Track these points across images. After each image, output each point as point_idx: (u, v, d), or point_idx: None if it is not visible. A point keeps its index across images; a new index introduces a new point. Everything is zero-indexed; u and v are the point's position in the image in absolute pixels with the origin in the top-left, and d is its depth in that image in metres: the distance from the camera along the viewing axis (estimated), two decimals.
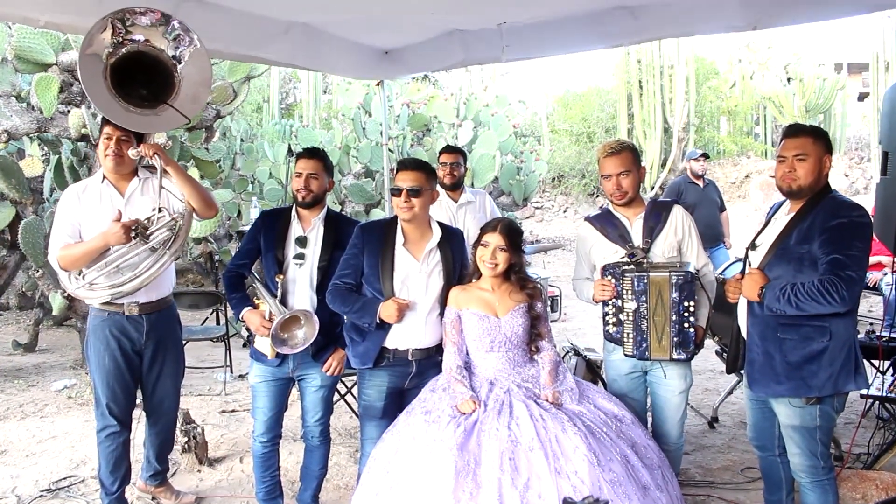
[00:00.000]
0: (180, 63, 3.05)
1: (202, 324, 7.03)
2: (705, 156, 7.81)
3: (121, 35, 2.89)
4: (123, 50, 2.92)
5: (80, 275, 3.20)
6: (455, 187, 4.82)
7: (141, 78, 3.04)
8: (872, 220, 2.88)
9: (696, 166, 7.56)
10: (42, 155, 6.96)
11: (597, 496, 2.47)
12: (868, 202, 3.15)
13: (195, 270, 9.67)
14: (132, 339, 3.36)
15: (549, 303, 5.83)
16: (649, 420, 3.37)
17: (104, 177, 3.34)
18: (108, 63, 2.90)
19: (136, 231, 3.13)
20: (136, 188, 3.35)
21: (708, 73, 19.05)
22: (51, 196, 6.57)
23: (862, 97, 21.88)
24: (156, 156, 3.21)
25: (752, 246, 3.01)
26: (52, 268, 3.36)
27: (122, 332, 3.34)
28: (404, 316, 3.06)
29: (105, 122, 3.23)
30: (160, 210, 3.24)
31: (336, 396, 4.00)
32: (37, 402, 5.44)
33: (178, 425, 4.04)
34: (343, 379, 4.31)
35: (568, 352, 4.70)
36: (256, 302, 3.34)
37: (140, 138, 3.25)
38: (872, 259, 5.85)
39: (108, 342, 3.32)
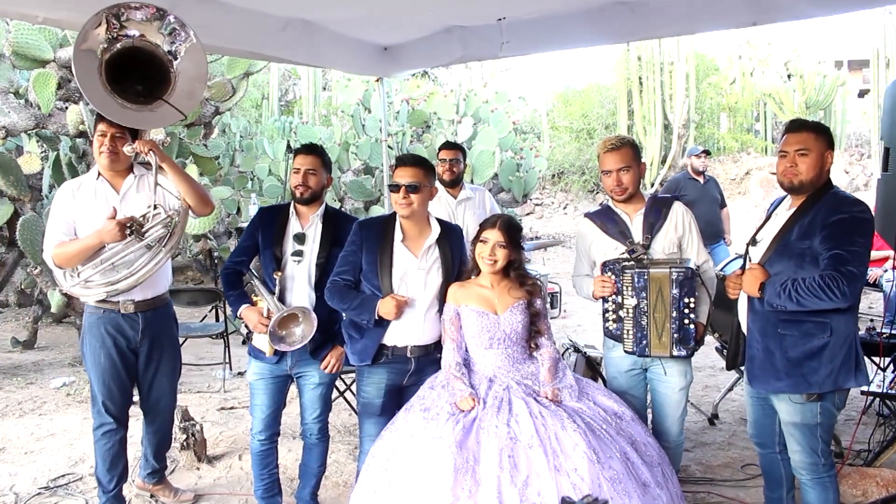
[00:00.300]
0: (176, 58, 3.02)
1: (201, 321, 7.01)
2: (706, 152, 7.78)
3: (115, 30, 2.86)
4: (118, 45, 2.88)
5: (75, 272, 3.18)
6: (454, 184, 4.81)
7: (136, 73, 3.01)
8: (873, 215, 2.86)
9: (696, 163, 7.52)
10: (41, 152, 6.94)
11: (596, 494, 2.46)
12: (868, 199, 3.14)
13: (194, 267, 9.65)
14: (128, 337, 3.35)
15: (548, 299, 5.82)
16: (649, 417, 3.36)
17: (99, 173, 3.32)
18: (103, 59, 2.87)
19: (131, 228, 3.11)
20: (131, 185, 3.33)
21: (708, 70, 19.02)
22: (49, 193, 6.55)
23: (862, 94, 21.86)
24: (151, 152, 3.18)
25: (753, 242, 3.00)
26: None
27: (117, 329, 3.32)
28: (403, 313, 3.05)
29: (99, 118, 3.20)
30: (156, 207, 3.21)
31: (335, 393, 3.99)
32: (35, 400, 5.43)
33: (177, 422, 4.04)
34: (342, 376, 4.30)
35: (567, 349, 4.68)
36: (255, 299, 3.32)
37: (135, 135, 3.22)
38: (879, 254, 5.84)
39: (104, 340, 3.31)
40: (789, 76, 17.65)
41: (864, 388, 3.85)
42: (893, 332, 4.21)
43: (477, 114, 10.19)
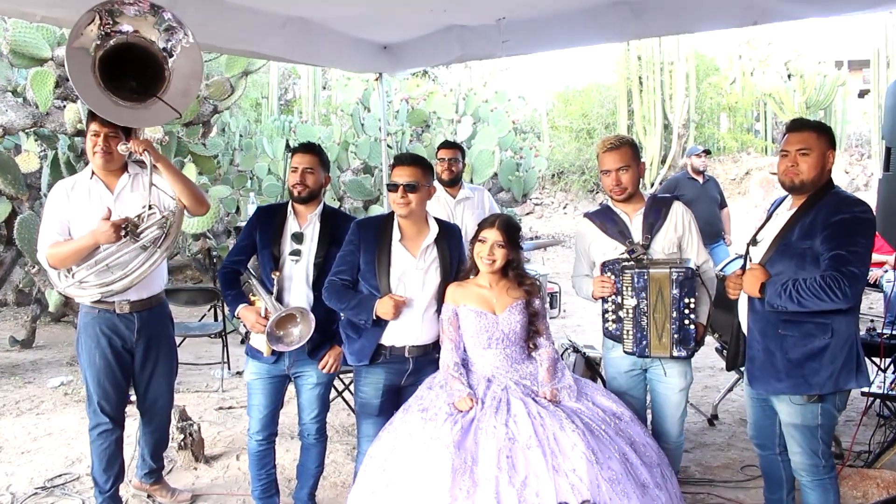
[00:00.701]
0: (171, 56, 2.99)
1: (200, 320, 7.00)
2: (707, 152, 7.75)
3: (108, 26, 2.83)
4: (111, 42, 2.85)
5: (69, 273, 3.16)
6: (453, 183, 4.80)
7: (130, 70, 2.98)
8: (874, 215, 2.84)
9: (697, 162, 7.48)
10: (39, 151, 6.93)
11: (595, 495, 2.45)
12: (869, 199, 3.13)
13: (193, 266, 9.64)
14: (123, 337, 3.33)
15: (548, 299, 5.82)
16: (649, 418, 3.35)
17: (93, 173, 3.30)
18: (96, 56, 2.83)
19: (126, 230, 3.09)
20: (125, 184, 3.31)
21: (708, 70, 19.00)
22: (48, 191, 6.53)
23: (862, 94, 21.85)
24: (146, 152, 3.16)
25: (754, 242, 2.98)
26: None
27: (112, 329, 3.30)
28: (401, 313, 3.03)
29: (91, 117, 3.17)
30: (150, 207, 3.19)
31: (333, 393, 3.96)
32: (33, 399, 5.42)
33: (175, 422, 4.02)
34: (340, 376, 4.28)
35: (567, 349, 4.67)
36: (252, 299, 3.31)
37: (128, 133, 3.20)
38: (878, 257, 5.82)
39: (99, 340, 3.29)
40: (789, 76, 17.63)
41: (865, 389, 3.83)
42: (894, 332, 4.20)
43: (476, 113, 10.17)
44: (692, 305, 3.04)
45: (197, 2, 3.67)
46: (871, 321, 4.86)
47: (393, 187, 3.03)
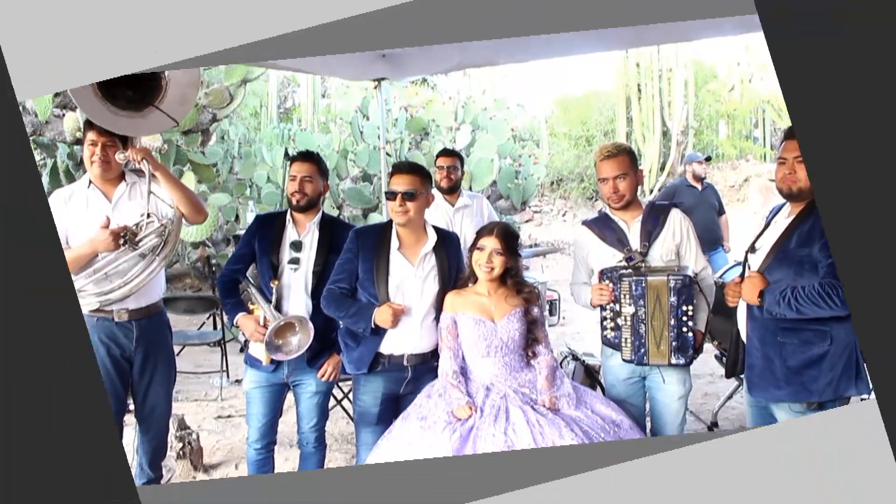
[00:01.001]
0: None
1: (199, 328, 6.98)
2: (709, 158, 7.70)
3: None
4: None
5: None
6: (452, 191, 4.80)
7: (127, 79, 2.98)
8: None
9: (699, 169, 7.44)
10: (39, 159, 6.93)
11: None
12: None
13: (192, 275, 9.64)
14: (121, 346, 3.32)
15: (547, 306, 5.80)
16: (648, 425, 3.34)
17: (90, 182, 3.30)
18: None
19: (124, 238, 3.09)
20: (123, 193, 3.31)
21: (707, 77, 19.01)
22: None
23: None
24: (144, 161, 3.16)
25: (752, 249, 2.98)
26: None
27: (111, 338, 3.29)
28: (399, 321, 3.03)
29: (88, 126, 3.18)
30: (149, 216, 3.20)
31: (332, 402, 3.96)
32: None
33: (173, 431, 4.00)
34: (339, 384, 4.27)
35: (566, 356, 4.66)
36: (251, 307, 3.30)
37: (125, 141, 3.21)
38: None
39: (97, 348, 3.27)
40: None
41: (865, 397, 3.82)
42: None
43: (475, 121, 10.17)
44: (690, 313, 3.04)
45: None
46: None
47: (391, 195, 3.03)
